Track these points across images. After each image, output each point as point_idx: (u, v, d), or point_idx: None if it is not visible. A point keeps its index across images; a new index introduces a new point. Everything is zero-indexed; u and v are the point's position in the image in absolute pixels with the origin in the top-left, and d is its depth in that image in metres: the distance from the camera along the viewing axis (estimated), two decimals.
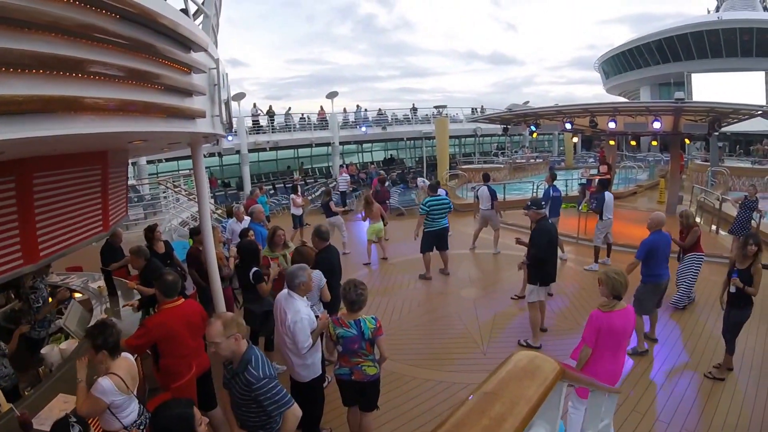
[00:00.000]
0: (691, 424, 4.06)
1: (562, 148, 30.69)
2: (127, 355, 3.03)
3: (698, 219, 11.55)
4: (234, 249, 5.79)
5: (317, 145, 24.16)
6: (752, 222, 8.69)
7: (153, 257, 5.24)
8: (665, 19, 75.13)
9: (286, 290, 3.76)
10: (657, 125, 10.62)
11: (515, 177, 21.68)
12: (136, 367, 3.11)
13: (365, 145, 29.30)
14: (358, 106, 26.18)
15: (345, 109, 25.59)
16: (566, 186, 15.56)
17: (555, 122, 13.34)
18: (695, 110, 10.81)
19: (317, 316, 3.82)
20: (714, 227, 10.71)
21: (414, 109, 27.29)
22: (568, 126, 12.42)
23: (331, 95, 23.06)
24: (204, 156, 5.10)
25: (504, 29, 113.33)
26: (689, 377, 4.83)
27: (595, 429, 2.91)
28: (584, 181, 14.89)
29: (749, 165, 20.28)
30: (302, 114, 24.31)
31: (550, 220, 8.76)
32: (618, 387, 3.53)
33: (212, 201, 15.37)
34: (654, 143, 14.18)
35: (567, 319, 6.39)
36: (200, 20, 4.18)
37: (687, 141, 12.80)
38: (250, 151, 21.22)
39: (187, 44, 3.09)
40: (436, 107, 28.18)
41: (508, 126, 15.13)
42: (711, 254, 8.56)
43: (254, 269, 4.91)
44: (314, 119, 24.06)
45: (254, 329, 5.40)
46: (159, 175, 16.61)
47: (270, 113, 23.14)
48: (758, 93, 27.81)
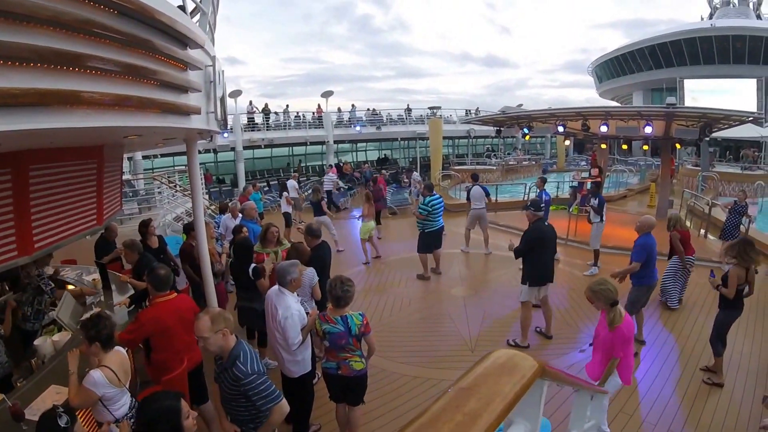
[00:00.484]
0: (678, 426, 4.12)
1: (554, 151, 30.77)
2: (120, 349, 3.04)
3: (688, 223, 11.69)
4: (227, 245, 5.79)
5: (312, 144, 24.18)
6: (741, 227, 8.75)
7: (146, 251, 5.24)
8: (658, 25, 75.91)
9: (277, 286, 3.79)
10: (648, 130, 10.73)
11: (507, 179, 21.80)
12: (129, 361, 3.12)
13: (359, 145, 29.33)
14: (353, 106, 26.25)
15: (339, 109, 25.63)
16: (558, 188, 15.70)
17: (547, 125, 13.44)
18: (687, 115, 10.93)
19: (308, 313, 3.85)
20: (703, 231, 10.81)
21: (408, 110, 27.34)
22: (561, 129, 12.51)
23: (326, 94, 23.11)
24: (199, 152, 5.13)
25: (498, 32, 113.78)
26: (676, 379, 4.88)
27: (580, 429, 2.93)
28: (575, 184, 14.99)
29: (739, 171, 20.54)
30: (297, 112, 24.38)
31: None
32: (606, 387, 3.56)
33: (206, 197, 15.33)
34: (645, 147, 14.30)
35: (563, 322, 6.39)
36: (197, 18, 4.20)
37: (678, 146, 12.91)
38: (245, 148, 21.28)
39: (184, 41, 3.11)
40: (431, 108, 28.21)
41: (501, 128, 15.19)
42: (700, 258, 8.69)
43: (253, 265, 4.88)
44: (309, 117, 24.07)
45: (252, 327, 5.41)
46: (154, 171, 16.51)
47: (265, 111, 23.11)
48: (750, 99, 28.19)
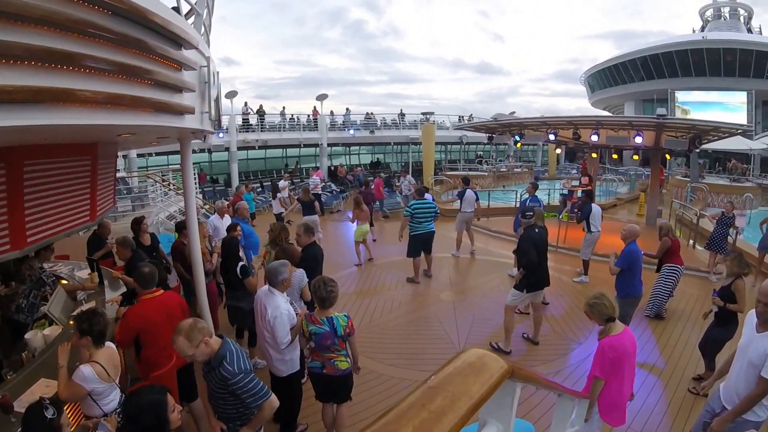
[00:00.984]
0: None
1: (546, 159, 30.95)
2: (110, 344, 3.07)
3: (677, 233, 11.82)
4: (217, 244, 5.80)
5: (305, 146, 24.21)
6: (729, 238, 8.83)
7: (138, 249, 5.26)
8: (647, 37, 76.88)
9: (267, 286, 3.82)
10: (639, 140, 10.87)
11: (499, 185, 21.96)
12: (118, 356, 3.14)
13: (353, 148, 29.38)
14: (348, 110, 26.40)
15: (332, 112, 25.73)
16: (548, 196, 15.83)
17: (539, 133, 13.56)
18: (677, 126, 11.10)
19: (298, 314, 3.89)
20: (691, 242, 10.92)
21: (402, 115, 27.45)
22: (552, 137, 12.62)
23: (321, 97, 23.18)
24: (193, 152, 5.14)
25: (491, 40, 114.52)
26: (662, 388, 4.91)
27: None
28: (566, 192, 15.14)
29: (728, 182, 20.81)
30: (291, 114, 24.46)
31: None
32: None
33: (200, 196, 15.31)
34: (636, 157, 14.45)
35: (550, 330, 6.43)
36: (192, 19, 4.23)
37: (668, 156, 13.09)
38: (240, 149, 21.27)
39: (178, 42, 3.15)
40: (424, 113, 28.36)
41: (493, 135, 15.31)
42: (687, 267, 8.78)
43: (241, 264, 4.89)
44: (303, 120, 24.13)
45: (241, 326, 5.41)
46: (148, 169, 16.43)
47: (260, 112, 23.13)
48: (740, 112, 28.66)
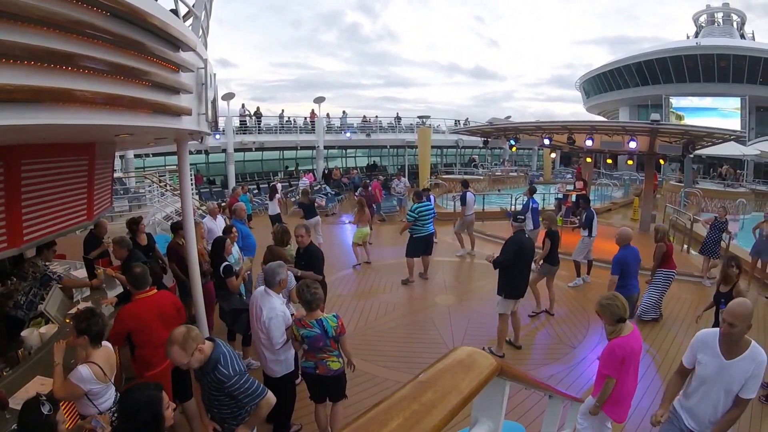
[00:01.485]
0: None
1: (541, 163, 30.91)
2: (107, 344, 3.09)
3: (671, 238, 11.90)
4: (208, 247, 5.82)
5: (302, 148, 24.23)
6: (722, 243, 8.88)
7: (135, 249, 5.28)
8: (641, 43, 77.39)
9: (263, 287, 3.84)
10: (633, 145, 10.94)
11: (494, 188, 22.08)
12: (114, 355, 3.16)
13: (349, 151, 29.41)
14: (344, 112, 26.44)
15: (328, 114, 25.75)
16: (543, 200, 15.87)
17: (534, 137, 13.62)
18: (670, 132, 11.18)
19: (292, 314, 3.90)
20: (685, 246, 10.97)
21: (398, 118, 27.54)
22: (547, 142, 12.68)
23: (318, 100, 23.20)
24: (190, 153, 5.15)
25: (487, 45, 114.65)
26: (655, 391, 4.93)
27: None
28: (560, 196, 15.23)
29: (722, 188, 20.96)
30: (288, 117, 24.45)
31: (531, 231, 8.93)
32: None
33: (197, 197, 15.29)
34: (630, 162, 14.59)
35: (546, 333, 6.48)
36: (190, 21, 4.26)
37: (662, 162, 13.17)
38: (236, 151, 21.25)
39: (176, 44, 3.17)
40: (420, 117, 28.42)
41: (489, 139, 15.39)
42: (681, 272, 8.78)
43: (224, 264, 4.94)
44: (300, 122, 24.15)
45: (227, 325, 5.42)
46: (145, 169, 16.41)
47: (257, 114, 23.14)
48: (734, 117, 28.88)
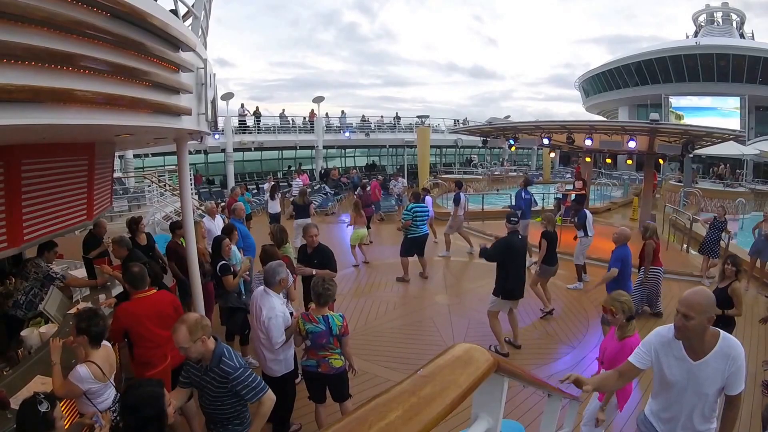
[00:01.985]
0: None
1: (541, 163, 30.95)
2: (106, 343, 3.09)
3: (671, 237, 11.91)
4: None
5: (301, 148, 24.24)
6: (721, 242, 8.89)
7: (135, 248, 5.28)
8: (640, 42, 77.29)
9: (263, 287, 3.85)
10: (632, 144, 10.94)
11: (493, 188, 22.13)
12: (114, 355, 3.17)
13: (348, 150, 29.42)
14: (343, 112, 26.53)
15: (327, 114, 25.79)
16: (543, 200, 15.87)
17: (533, 137, 13.60)
18: (669, 132, 11.18)
19: (292, 314, 3.91)
20: (685, 246, 10.96)
21: (397, 118, 27.56)
22: (546, 141, 12.68)
23: (318, 100, 23.19)
24: (190, 153, 5.17)
25: (485, 44, 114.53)
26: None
27: None
28: (560, 196, 15.23)
29: (721, 188, 20.99)
30: (287, 117, 24.46)
31: (524, 221, 9.05)
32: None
33: (196, 197, 15.29)
34: (629, 162, 14.54)
35: (545, 333, 6.49)
36: (190, 21, 4.27)
37: (661, 161, 13.16)
38: (236, 151, 21.28)
39: (176, 44, 3.19)
40: (419, 117, 28.42)
41: (488, 138, 15.39)
42: (681, 272, 8.82)
43: (221, 262, 4.96)
44: (299, 122, 24.16)
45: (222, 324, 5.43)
46: (145, 169, 16.43)
47: (256, 114, 23.14)
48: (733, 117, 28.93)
